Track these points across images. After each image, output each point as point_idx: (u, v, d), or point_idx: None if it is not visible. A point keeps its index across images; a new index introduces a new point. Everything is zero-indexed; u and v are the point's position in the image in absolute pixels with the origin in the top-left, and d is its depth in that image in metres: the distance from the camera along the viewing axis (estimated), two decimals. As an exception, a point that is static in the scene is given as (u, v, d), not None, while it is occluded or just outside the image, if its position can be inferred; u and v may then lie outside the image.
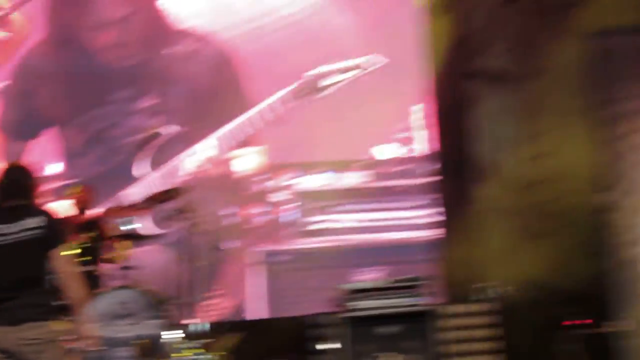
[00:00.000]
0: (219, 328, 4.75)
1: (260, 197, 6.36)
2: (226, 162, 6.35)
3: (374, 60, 6.05)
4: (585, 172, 5.29)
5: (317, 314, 4.90)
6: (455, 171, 5.74)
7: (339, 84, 6.21)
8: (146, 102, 6.54)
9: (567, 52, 5.38)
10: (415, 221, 6.26)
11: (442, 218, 5.81)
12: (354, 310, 4.65)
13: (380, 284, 4.83)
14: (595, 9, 5.40)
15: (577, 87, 5.04)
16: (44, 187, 5.40)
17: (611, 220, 4.90)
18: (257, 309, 6.10)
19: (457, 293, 5.43)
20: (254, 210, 6.36)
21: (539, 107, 5.61)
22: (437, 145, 5.88)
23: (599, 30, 4.91)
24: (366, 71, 6.18)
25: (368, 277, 5.95)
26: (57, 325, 3.11)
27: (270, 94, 6.40)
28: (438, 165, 5.86)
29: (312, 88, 6.24)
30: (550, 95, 5.57)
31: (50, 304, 3.12)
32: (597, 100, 4.92)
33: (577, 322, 5.07)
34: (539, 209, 5.61)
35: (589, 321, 5.05)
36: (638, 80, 4.85)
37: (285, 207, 6.36)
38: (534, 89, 5.63)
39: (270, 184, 6.36)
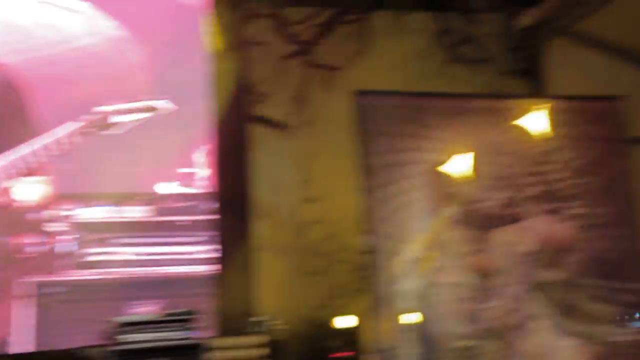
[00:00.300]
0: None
1: (36, 227, 5.94)
2: (5, 191, 5.87)
3: (166, 105, 5.92)
4: (352, 216, 5.46)
5: (87, 347, 4.61)
6: (234, 210, 5.70)
7: (129, 124, 5.99)
8: None
9: (337, 106, 5.62)
10: (193, 256, 6.13)
11: (219, 254, 5.72)
12: (123, 343, 4.43)
13: (151, 317, 4.64)
14: (356, 73, 5.79)
15: (344, 139, 5.24)
16: None
17: (373, 260, 5.06)
18: (24, 341, 5.64)
19: (232, 326, 5.36)
20: (28, 240, 5.93)
21: (312, 155, 5.77)
22: (217, 185, 5.82)
23: (360, 91, 5.16)
24: (157, 113, 6.03)
25: (142, 310, 5.71)
26: None
27: (58, 124, 6.03)
28: (217, 204, 5.79)
29: (101, 124, 5.96)
30: (321, 145, 5.76)
31: None
32: (362, 152, 5.12)
33: (342, 354, 5.18)
34: (311, 248, 5.72)
35: (352, 353, 5.17)
36: (390, 137, 5.14)
37: (62, 237, 5.99)
38: (309, 138, 5.79)
39: (48, 213, 5.97)
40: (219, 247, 5.71)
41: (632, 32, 5.67)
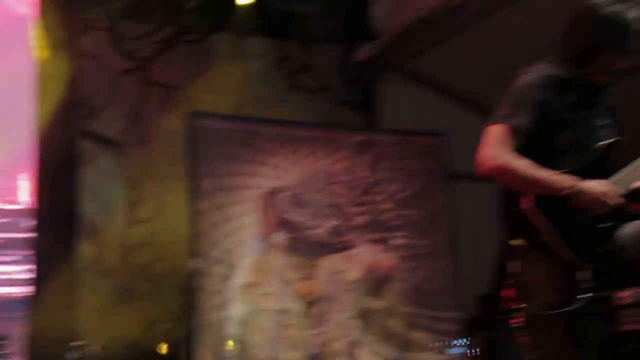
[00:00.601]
0: None
1: None
2: None
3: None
4: (182, 239, 5.28)
5: None
6: (56, 228, 5.34)
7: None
8: None
9: (171, 126, 5.45)
10: (7, 277, 5.69)
11: (36, 275, 5.33)
12: None
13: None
14: (193, 94, 5.61)
15: (178, 160, 5.08)
16: None
17: (201, 285, 4.90)
18: None
19: (48, 352, 5.00)
20: None
21: (144, 175, 5.55)
22: (38, 201, 5.42)
23: (196, 112, 5.03)
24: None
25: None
26: None
27: None
28: (36, 221, 5.39)
29: None
30: (154, 165, 5.55)
31: None
32: (194, 174, 4.98)
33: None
34: (138, 271, 5.47)
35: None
36: (225, 160, 5.05)
37: None
38: (141, 157, 5.57)
39: None
40: (35, 267, 5.31)
41: (457, 74, 5.94)
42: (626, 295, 3.30)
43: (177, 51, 5.82)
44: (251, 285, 5.01)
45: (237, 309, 4.93)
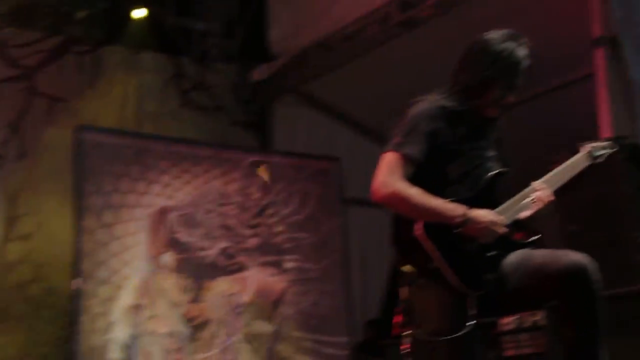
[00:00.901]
0: None
1: None
2: None
3: None
4: (65, 258, 5.10)
5: None
6: None
7: None
8: None
9: (56, 140, 5.28)
10: None
11: None
12: None
13: None
14: (82, 107, 5.52)
15: (63, 175, 4.91)
16: None
17: (85, 306, 4.74)
18: None
19: None
20: None
21: (24, 189, 5.33)
22: None
23: (83, 126, 4.94)
24: None
25: None
26: None
27: None
28: None
29: None
30: (36, 179, 5.35)
31: None
32: (81, 190, 4.82)
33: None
34: (14, 290, 5.24)
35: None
36: (114, 177, 4.94)
37: None
38: (21, 171, 5.35)
39: None
40: None
41: (352, 99, 6.06)
42: (509, 321, 3.45)
43: (65, 62, 5.64)
44: (137, 308, 4.89)
45: (121, 332, 4.80)
